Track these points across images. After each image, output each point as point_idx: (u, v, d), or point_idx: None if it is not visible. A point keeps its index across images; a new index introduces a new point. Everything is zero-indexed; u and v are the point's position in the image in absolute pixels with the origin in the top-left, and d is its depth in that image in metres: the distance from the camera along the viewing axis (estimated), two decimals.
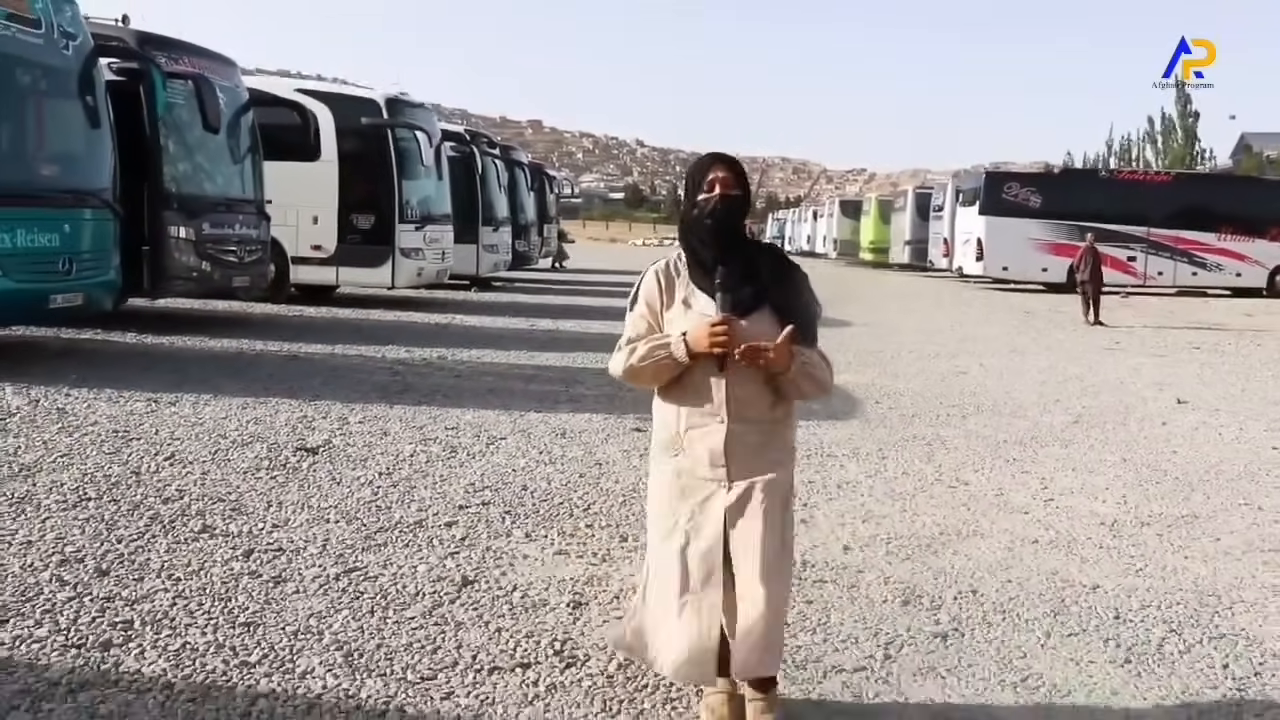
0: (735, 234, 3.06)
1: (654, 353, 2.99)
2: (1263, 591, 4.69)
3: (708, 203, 3.00)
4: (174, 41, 12.96)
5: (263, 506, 5.34)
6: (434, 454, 6.68)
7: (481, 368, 10.79)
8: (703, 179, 3.04)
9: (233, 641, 3.66)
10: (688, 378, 3.01)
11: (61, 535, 4.72)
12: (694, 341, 2.92)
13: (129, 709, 3.15)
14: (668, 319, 3.05)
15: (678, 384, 3.04)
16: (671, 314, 3.04)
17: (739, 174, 3.07)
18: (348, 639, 3.72)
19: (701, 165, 3.10)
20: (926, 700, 3.47)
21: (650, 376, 3.05)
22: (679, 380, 3.03)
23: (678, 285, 3.07)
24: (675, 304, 3.05)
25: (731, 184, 3.02)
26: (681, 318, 3.01)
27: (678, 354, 2.95)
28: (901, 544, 5.17)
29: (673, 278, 3.08)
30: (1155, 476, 6.96)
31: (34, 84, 9.74)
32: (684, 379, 3.02)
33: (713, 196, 3.00)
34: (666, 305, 3.06)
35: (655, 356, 2.99)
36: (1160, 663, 3.86)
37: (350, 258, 16.95)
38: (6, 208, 8.95)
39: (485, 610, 4.06)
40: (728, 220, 3.01)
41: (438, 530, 5.06)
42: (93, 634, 3.68)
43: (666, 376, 3.03)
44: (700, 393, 3.00)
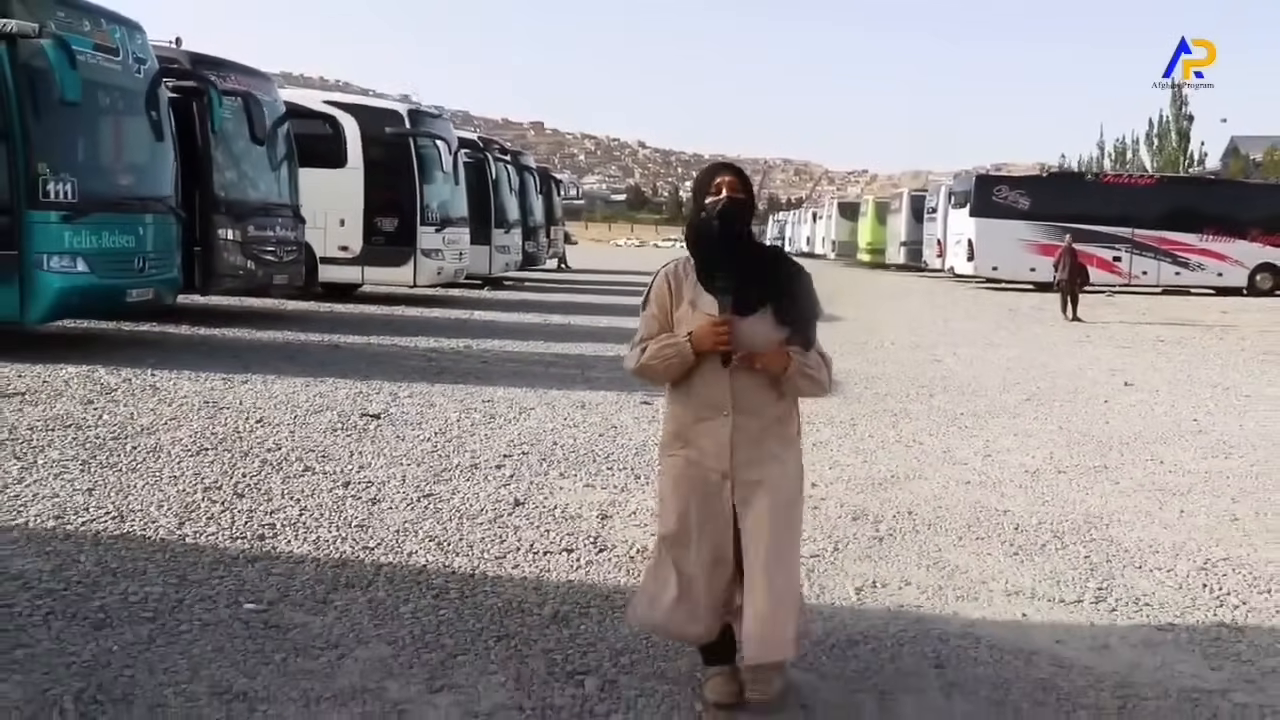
0: (740, 236, 3.22)
1: (662, 351, 3.17)
2: (1137, 514, 6.00)
3: (715, 205, 3.18)
4: (222, 61, 14.33)
5: (346, 455, 6.66)
6: (476, 420, 7.99)
7: (505, 355, 12.10)
8: (709, 184, 3.22)
9: (353, 536, 4.98)
10: (695, 374, 3.18)
11: (198, 473, 6.03)
12: (697, 340, 3.10)
13: (292, 571, 4.46)
14: (677, 318, 3.21)
15: (686, 380, 3.21)
16: (680, 314, 3.21)
17: (744, 180, 3.27)
18: (436, 534, 5.05)
19: (708, 172, 3.30)
20: (861, 574, 4.77)
21: (660, 373, 3.22)
22: (687, 377, 3.20)
23: (685, 287, 3.23)
24: (683, 304, 3.21)
25: (737, 188, 3.20)
26: (689, 318, 3.17)
27: (684, 352, 3.13)
28: (859, 483, 6.47)
29: (681, 279, 3.25)
30: (1082, 440, 8.27)
31: (113, 104, 11.06)
32: (692, 375, 3.19)
33: (719, 199, 3.17)
34: (675, 305, 3.23)
35: (663, 355, 3.16)
36: (1039, 554, 5.18)
37: (374, 258, 18.25)
38: (95, 214, 10.26)
39: (535, 519, 5.38)
40: (733, 221, 3.18)
41: (489, 471, 6.38)
42: (249, 531, 4.99)
43: (675, 373, 3.20)
44: (706, 388, 3.18)
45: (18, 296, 9.83)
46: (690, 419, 3.21)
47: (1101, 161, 62.03)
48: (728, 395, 3.15)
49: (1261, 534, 5.71)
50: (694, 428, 3.20)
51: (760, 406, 3.18)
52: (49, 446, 6.48)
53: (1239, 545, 5.47)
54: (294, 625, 3.87)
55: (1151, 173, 49.15)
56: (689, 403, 3.22)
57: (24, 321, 10.12)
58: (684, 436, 3.23)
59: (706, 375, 3.16)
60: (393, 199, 18.31)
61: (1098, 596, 4.60)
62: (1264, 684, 3.75)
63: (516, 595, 4.29)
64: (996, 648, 3.95)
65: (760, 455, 3.17)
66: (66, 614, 3.88)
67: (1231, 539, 5.59)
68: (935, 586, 4.67)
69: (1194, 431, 8.88)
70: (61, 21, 10.06)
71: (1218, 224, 33.47)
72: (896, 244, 46.27)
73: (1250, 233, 33.54)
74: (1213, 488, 6.76)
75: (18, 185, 9.67)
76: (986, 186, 34.42)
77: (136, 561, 4.48)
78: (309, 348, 12.04)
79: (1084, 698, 3.56)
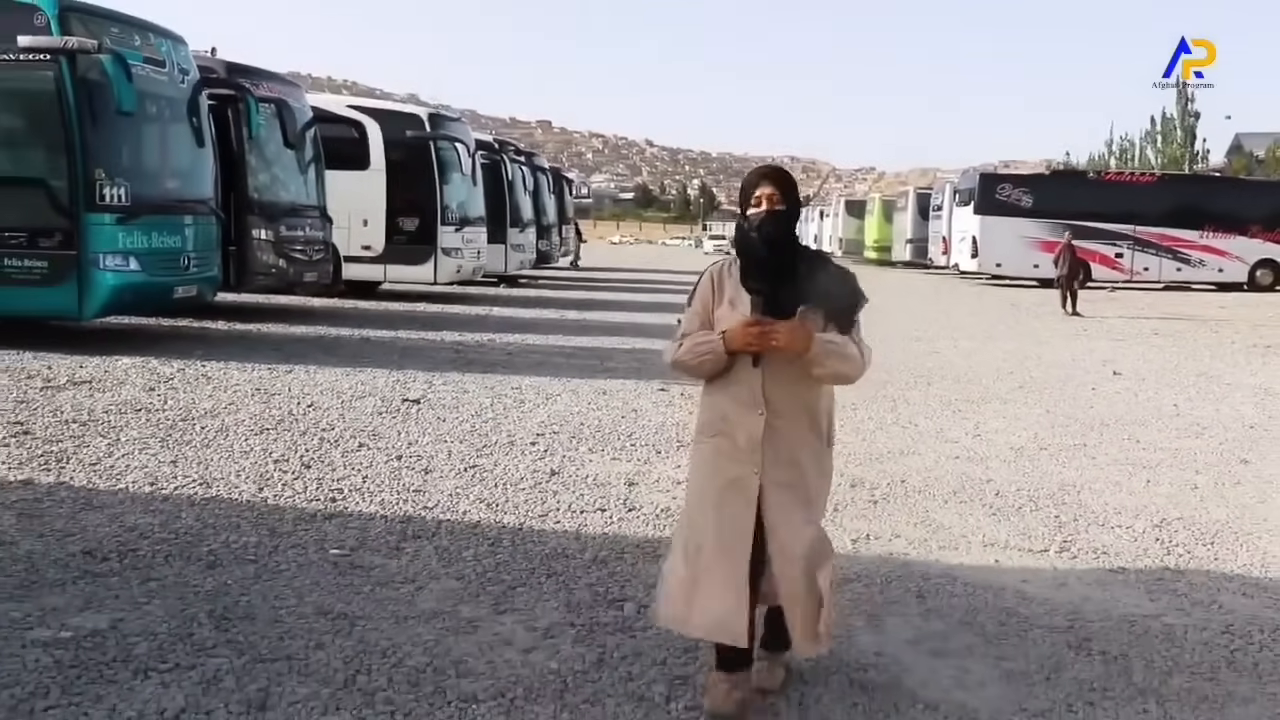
0: (782, 245, 3.29)
1: (697, 348, 3.27)
2: (1107, 484, 6.69)
3: (756, 218, 3.26)
4: (255, 69, 15.06)
5: (395, 434, 7.37)
6: (508, 404, 8.70)
7: (527, 348, 12.81)
8: (752, 194, 3.30)
9: (412, 499, 5.69)
10: (730, 372, 3.27)
11: (265, 448, 6.75)
12: (730, 339, 3.18)
13: (365, 525, 5.18)
14: (717, 317, 3.31)
15: (722, 377, 3.30)
16: (720, 312, 3.31)
17: (786, 189, 3.31)
18: (485, 498, 5.76)
19: (752, 179, 3.35)
20: (857, 529, 5.47)
21: (694, 369, 3.31)
22: (723, 374, 3.29)
23: (728, 286, 3.34)
24: (724, 303, 3.32)
25: (778, 199, 3.27)
26: (727, 317, 3.27)
27: (718, 350, 3.21)
28: (858, 458, 7.16)
29: (724, 279, 3.36)
30: (1066, 422, 8.95)
31: (160, 113, 11.78)
32: (727, 373, 3.28)
33: (760, 212, 3.26)
34: (717, 304, 3.34)
35: (698, 351, 3.26)
36: (1015, 514, 5.88)
37: (396, 256, 18.98)
38: (145, 216, 10.99)
39: (570, 486, 6.09)
40: (774, 234, 3.25)
41: (525, 447, 7.09)
42: (321, 495, 5.71)
43: (710, 370, 3.29)
44: (740, 386, 3.26)
45: (76, 293, 10.56)
46: (724, 412, 3.29)
47: (1108, 159, 62.52)
48: (760, 394, 3.22)
49: (1216, 499, 6.39)
50: (728, 420, 3.28)
51: (793, 408, 3.26)
52: (126, 427, 7.20)
53: (1193, 508, 6.16)
54: (374, 566, 4.59)
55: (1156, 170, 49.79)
56: (723, 397, 3.30)
57: (80, 316, 10.86)
58: (716, 427, 3.31)
59: (740, 373, 3.25)
60: (414, 200, 19.03)
61: (1062, 547, 5.30)
62: (1192, 612, 4.44)
63: (560, 544, 4.99)
64: (970, 585, 4.65)
65: (790, 458, 3.25)
66: (182, 556, 4.60)
67: (1188, 503, 6.28)
68: (921, 539, 5.37)
69: (1172, 415, 9.55)
70: (115, 37, 10.79)
71: (1218, 220, 34.08)
72: (903, 241, 47.02)
73: (1250, 229, 34.14)
74: (1180, 462, 7.44)
75: (76, 190, 10.40)
76: (990, 185, 35.07)
77: (229, 518, 5.20)
78: (342, 341, 12.76)
79: (1040, 620, 4.26)
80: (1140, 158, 57.64)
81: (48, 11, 10.29)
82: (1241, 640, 4.12)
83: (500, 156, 24.34)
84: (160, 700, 3.26)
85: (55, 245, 10.49)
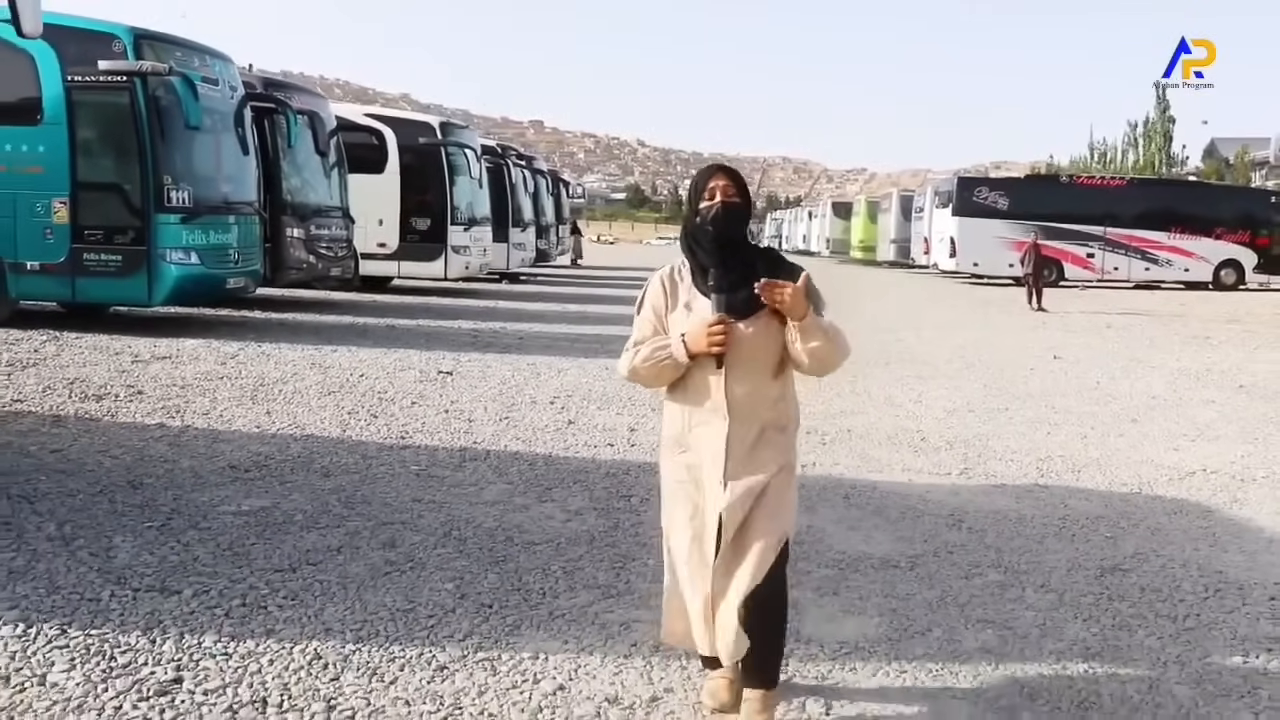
0: (735, 240, 3.18)
1: (655, 354, 3.14)
2: (1014, 434, 8.35)
3: (709, 210, 3.13)
4: (286, 83, 16.78)
5: (438, 395, 9.00)
6: (526, 376, 10.33)
7: (535, 334, 14.44)
8: (704, 187, 3.17)
9: (463, 437, 7.32)
10: (690, 378, 3.15)
11: (336, 405, 8.37)
12: (692, 342, 3.06)
13: (433, 452, 6.81)
14: (671, 321, 3.19)
15: (681, 384, 3.19)
16: (674, 317, 3.18)
17: (740, 184, 3.20)
18: (520, 437, 7.40)
19: (704, 174, 3.23)
20: (806, 461, 7.09)
21: (653, 377, 3.20)
22: (682, 380, 3.18)
23: (680, 289, 3.21)
24: (678, 307, 3.19)
25: (732, 192, 3.15)
26: (683, 320, 3.15)
27: (677, 355, 3.10)
28: (814, 416, 8.77)
29: (676, 282, 3.23)
30: (998, 393, 10.60)
31: (214, 125, 13.36)
32: (686, 379, 3.17)
33: (714, 204, 3.13)
34: (670, 308, 3.20)
35: (656, 358, 3.14)
36: (933, 453, 7.54)
37: (409, 254, 20.61)
38: (204, 216, 12.59)
39: (584, 432, 7.72)
40: (728, 226, 3.13)
41: (545, 405, 8.73)
42: (391, 435, 7.33)
43: (669, 377, 3.19)
44: (702, 392, 3.13)
45: (146, 283, 12.17)
46: (687, 423, 3.19)
47: (1090, 161, 64.27)
48: (723, 399, 3.10)
49: (1096, 446, 8.05)
50: (691, 432, 3.18)
51: (757, 411, 3.14)
52: (217, 390, 8.82)
53: (1075, 451, 7.82)
54: (445, 476, 6.22)
55: (1132, 173, 51.62)
56: (685, 406, 3.20)
57: (149, 303, 12.48)
58: (682, 441, 3.21)
59: (700, 378, 3.13)
60: (425, 201, 20.71)
61: (961, 471, 6.97)
62: (1042, 509, 6.11)
63: (580, 465, 6.64)
64: (886, 492, 6.30)
65: (759, 460, 3.13)
66: (304, 469, 6.22)
67: (1072, 448, 7.93)
68: (855, 466, 7.02)
69: (1092, 389, 11.21)
70: (179, 60, 12.40)
71: (1185, 223, 35.80)
72: (887, 242, 48.75)
73: (1215, 231, 35.85)
74: (1079, 421, 9.10)
75: (147, 194, 12.01)
76: (968, 188, 36.78)
77: (327, 448, 6.83)
78: (370, 328, 14.37)
79: (930, 511, 5.91)
80: (1121, 160, 59.42)
81: (124, 40, 11.90)
82: (1069, 524, 5.78)
83: (503, 160, 25.97)
84: (324, 541, 4.89)
85: (128, 242, 12.10)
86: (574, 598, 4.33)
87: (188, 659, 3.59)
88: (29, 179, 12.02)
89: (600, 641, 3.89)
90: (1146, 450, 7.94)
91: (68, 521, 5.00)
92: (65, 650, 3.60)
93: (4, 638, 3.67)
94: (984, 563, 5.04)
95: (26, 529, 4.86)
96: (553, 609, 4.20)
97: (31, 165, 12.02)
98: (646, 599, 4.21)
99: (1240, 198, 39.61)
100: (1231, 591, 4.76)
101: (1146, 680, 3.78)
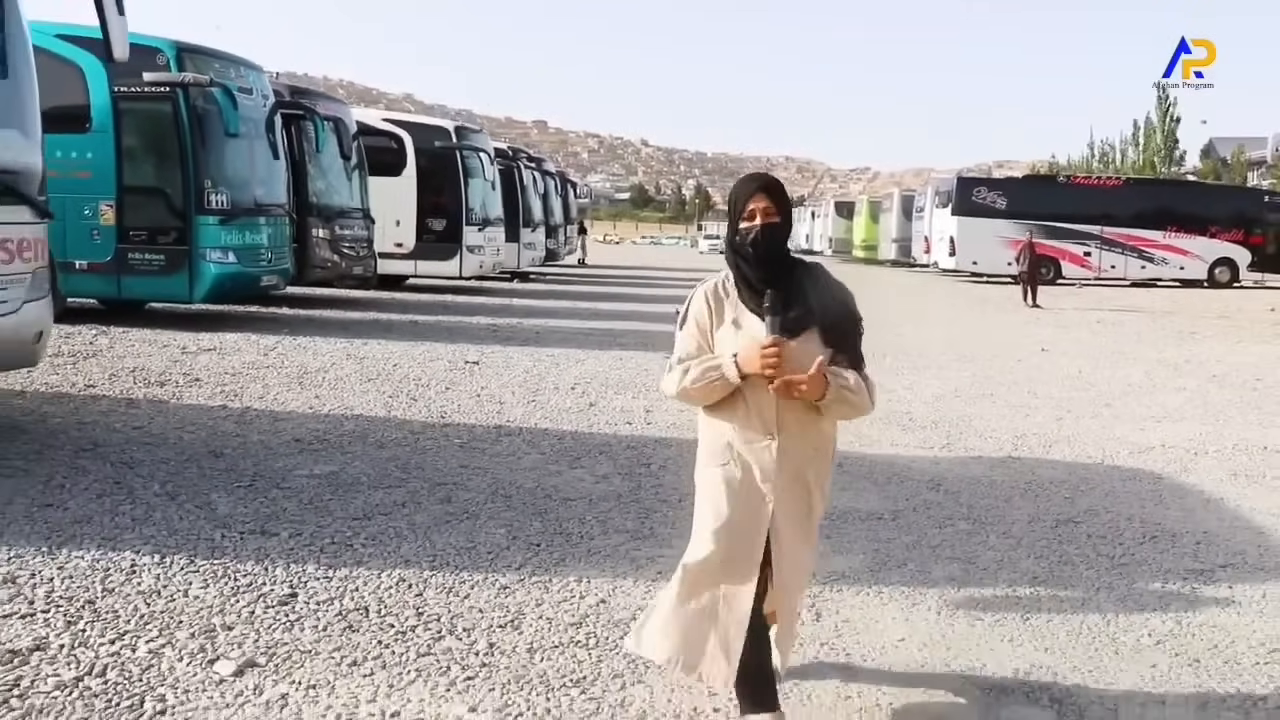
0: (779, 258, 3.15)
1: (706, 374, 3.09)
2: (995, 415, 9.16)
3: (749, 232, 3.11)
4: (312, 91, 17.61)
5: (468, 382, 9.82)
6: (547, 366, 11.15)
7: (550, 329, 15.26)
8: (744, 207, 3.13)
9: (495, 416, 8.14)
10: (739, 396, 3.11)
11: (377, 390, 9.19)
12: (745, 363, 3.02)
13: (471, 429, 7.62)
14: (718, 338, 3.14)
15: (729, 401, 3.14)
16: (721, 333, 3.14)
17: (780, 201, 3.16)
18: (547, 417, 8.22)
19: (744, 190, 3.17)
20: None
21: (704, 396, 3.15)
22: (730, 398, 3.12)
23: (727, 306, 3.17)
24: (725, 324, 3.14)
25: (773, 211, 3.11)
26: (731, 338, 3.10)
27: (730, 375, 3.05)
28: None
29: (721, 298, 3.18)
30: (984, 381, 11.41)
31: (249, 132, 14.17)
32: (735, 397, 3.12)
33: (754, 226, 3.10)
34: (716, 325, 3.15)
35: (708, 378, 3.09)
36: (919, 430, 8.34)
37: (426, 253, 21.45)
38: (240, 218, 13.42)
39: (604, 413, 8.54)
40: (770, 248, 3.12)
41: (567, 390, 9.55)
42: (431, 415, 8.14)
43: (718, 396, 3.13)
44: (751, 411, 3.11)
45: (188, 281, 13.00)
46: (735, 439, 3.14)
47: (1091, 161, 65.02)
48: (774, 418, 3.09)
49: (1070, 426, 8.85)
50: (739, 448, 3.14)
51: (804, 431, 3.14)
52: (266, 377, 9.64)
53: (1050, 430, 8.63)
54: (485, 448, 7.04)
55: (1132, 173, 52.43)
56: (734, 423, 3.15)
57: (190, 300, 13.31)
58: (725, 454, 3.16)
59: (753, 397, 3.09)
60: (441, 203, 21.54)
61: (944, 446, 7.78)
62: (1012, 475, 6.92)
63: (604, 439, 7.46)
64: (874, 461, 7.11)
65: (798, 481, 3.15)
66: (360, 441, 7.05)
67: (1048, 427, 8.74)
68: (846, 442, 7.65)
69: (1074, 377, 12.02)
70: (218, 71, 13.24)
71: (1180, 221, 36.66)
72: (888, 241, 49.63)
73: (1210, 229, 36.70)
74: (1058, 405, 9.91)
75: (189, 197, 12.84)
76: (967, 188, 37.63)
77: (377, 425, 7.65)
78: (395, 324, 15.19)
79: (913, 476, 6.72)
80: (1121, 160, 60.16)
81: (168, 53, 12.73)
82: (1034, 487, 6.61)
83: (514, 163, 26.82)
84: (390, 498, 5.71)
85: (171, 242, 12.93)
86: (607, 539, 5.16)
87: (297, 580, 4.41)
88: (77, 183, 12.83)
89: (631, 570, 4.70)
90: (1115, 430, 8.74)
91: (168, 482, 5.83)
92: (197, 574, 4.42)
93: (146, 565, 4.49)
94: (956, 516, 5.86)
95: (135, 487, 5.69)
96: (590, 548, 5.02)
97: (80, 170, 12.83)
98: (668, 541, 5.01)
99: (1234, 197, 40.59)
100: (1165, 538, 5.57)
101: (1080, 599, 4.60)
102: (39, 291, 6.88)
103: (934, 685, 3.70)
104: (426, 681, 3.52)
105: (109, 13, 7.02)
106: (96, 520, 5.08)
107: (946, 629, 4.22)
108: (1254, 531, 5.81)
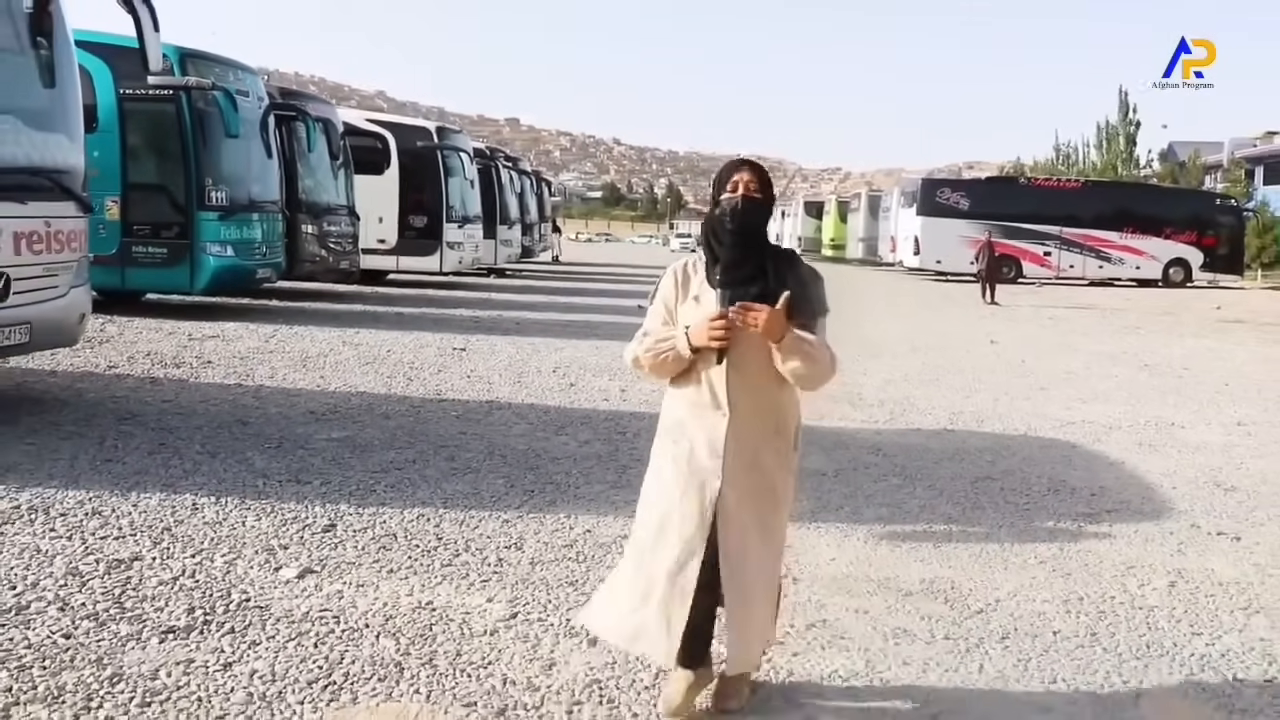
0: (754, 234, 3.15)
1: (658, 345, 3.15)
2: (937, 397, 10.14)
3: (729, 202, 3.12)
4: (300, 92, 18.43)
5: (457, 366, 10.69)
6: (529, 353, 12.04)
7: (529, 320, 16.14)
8: (728, 179, 3.16)
9: (485, 395, 9.02)
10: (692, 370, 3.13)
11: (375, 372, 10.05)
12: (694, 336, 3.05)
13: (465, 405, 8.50)
14: (680, 313, 3.18)
15: (683, 376, 3.17)
16: (684, 309, 3.18)
17: (764, 179, 3.18)
18: (531, 395, 9.12)
19: (728, 168, 3.21)
20: None
21: (656, 368, 3.19)
22: (685, 372, 3.16)
23: (693, 283, 3.21)
24: (688, 299, 3.19)
25: (755, 186, 3.14)
26: (691, 312, 3.14)
27: (680, 348, 3.09)
28: None
29: (690, 275, 3.23)
30: (933, 369, 12.39)
31: (246, 131, 14.96)
32: (689, 371, 3.14)
33: (735, 196, 3.12)
34: (680, 300, 3.20)
35: (658, 349, 3.14)
36: (867, 408, 9.30)
37: (407, 249, 22.24)
38: (238, 213, 14.22)
39: (584, 391, 9.45)
40: (748, 219, 3.12)
41: (549, 374, 10.45)
42: (427, 392, 9.02)
43: (672, 369, 3.16)
44: (702, 385, 3.12)
45: (189, 273, 13.79)
46: (685, 414, 3.18)
47: (1055, 162, 66.39)
48: (724, 394, 3.10)
49: (1004, 405, 9.83)
50: (689, 423, 3.17)
51: (758, 408, 3.14)
52: (271, 361, 10.47)
53: (985, 409, 9.60)
54: (479, 419, 7.93)
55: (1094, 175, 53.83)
56: (685, 397, 3.19)
57: (190, 291, 14.11)
58: (677, 431, 3.20)
59: (703, 371, 3.12)
60: (422, 200, 22.34)
61: (887, 421, 8.75)
62: (945, 444, 7.89)
63: (584, 413, 8.37)
64: (824, 433, 8.01)
65: (752, 463, 3.13)
66: (367, 413, 7.91)
67: (983, 406, 9.72)
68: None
69: (1016, 366, 13.03)
70: (219, 75, 14.03)
71: (1136, 223, 37.94)
72: (855, 240, 50.82)
73: (1165, 231, 38.01)
74: (996, 388, 10.90)
75: (190, 193, 13.63)
76: (931, 189, 38.83)
77: (380, 401, 8.52)
78: (382, 315, 16.02)
79: (856, 443, 7.67)
80: (1085, 162, 61.51)
81: (171, 57, 13.46)
82: (962, 453, 7.58)
83: (492, 162, 27.64)
84: (402, 456, 6.59)
85: (173, 236, 13.72)
86: (590, 488, 6.07)
87: (334, 515, 5.29)
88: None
89: (612, 510, 5.61)
90: (1044, 409, 9.74)
91: (206, 443, 6.69)
92: (249, 511, 5.29)
93: (206, 503, 5.36)
94: (889, 473, 6.81)
95: (179, 447, 6.54)
96: (576, 494, 5.94)
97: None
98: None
99: (1188, 200, 42.11)
100: (1066, 491, 6.55)
101: (984, 533, 5.56)
102: (81, 278, 7.72)
103: (855, 590, 4.63)
104: (451, 582, 4.43)
105: (146, 30, 7.83)
106: (153, 472, 5.94)
107: (870, 553, 5.16)
108: (1143, 486, 6.79)
